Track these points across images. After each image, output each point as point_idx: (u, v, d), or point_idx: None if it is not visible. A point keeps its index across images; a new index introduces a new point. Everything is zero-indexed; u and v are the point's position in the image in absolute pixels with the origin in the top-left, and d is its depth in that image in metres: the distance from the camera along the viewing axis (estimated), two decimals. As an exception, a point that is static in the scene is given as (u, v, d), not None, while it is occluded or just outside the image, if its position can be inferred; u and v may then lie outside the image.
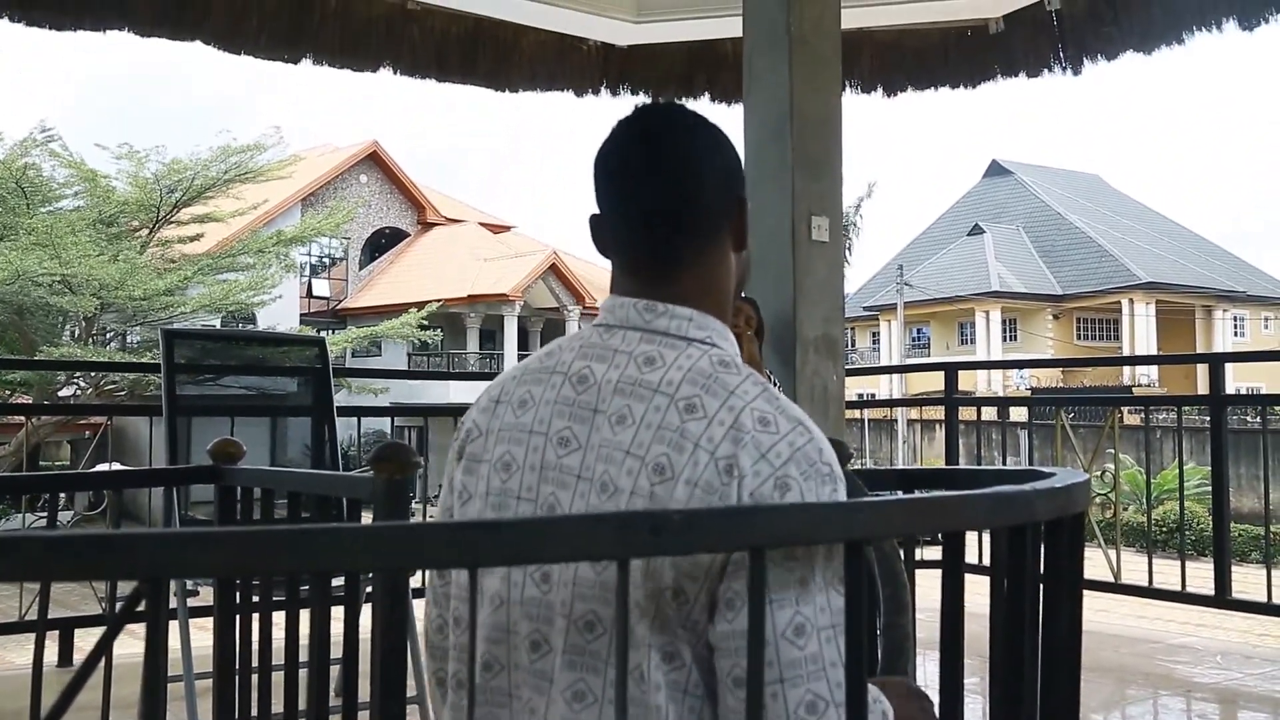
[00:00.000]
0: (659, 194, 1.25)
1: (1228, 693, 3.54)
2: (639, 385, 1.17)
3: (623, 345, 1.21)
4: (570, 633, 1.10)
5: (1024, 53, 5.25)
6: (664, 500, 1.08)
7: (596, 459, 1.15)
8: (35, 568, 0.71)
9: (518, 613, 1.15)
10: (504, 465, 1.21)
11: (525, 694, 1.13)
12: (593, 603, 1.10)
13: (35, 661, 1.76)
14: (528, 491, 1.19)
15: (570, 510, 1.13)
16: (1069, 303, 39.48)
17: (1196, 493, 13.65)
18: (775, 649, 1.03)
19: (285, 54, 4.83)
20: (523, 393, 1.24)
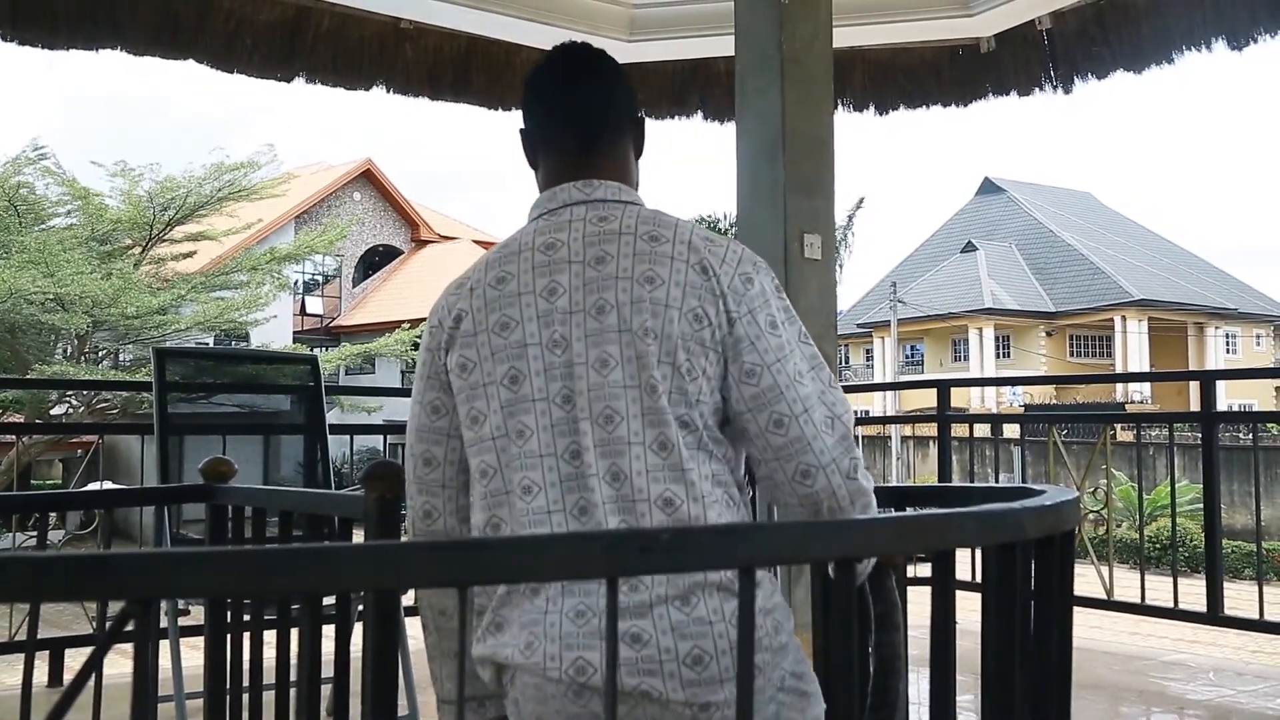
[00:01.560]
0: (585, 97, 1.62)
1: (1220, 710, 3.54)
2: (603, 235, 1.48)
3: (573, 217, 1.51)
4: (596, 428, 1.41)
5: (1015, 71, 5.28)
6: (661, 301, 1.42)
7: (586, 294, 1.44)
8: (24, 589, 0.71)
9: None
10: (501, 326, 1.47)
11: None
12: (611, 400, 1.41)
13: (24, 682, 1.75)
14: (531, 338, 1.45)
15: (574, 336, 1.43)
16: (1062, 320, 39.58)
17: (1189, 509, 13.67)
18: (794, 391, 1.42)
19: (278, 73, 4.84)
20: (495, 274, 1.51)
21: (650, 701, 1.33)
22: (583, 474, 1.41)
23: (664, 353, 1.41)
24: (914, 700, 1.71)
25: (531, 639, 1.37)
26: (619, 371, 1.42)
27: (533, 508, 1.41)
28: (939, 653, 1.16)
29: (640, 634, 1.33)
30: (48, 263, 16.72)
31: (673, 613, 1.34)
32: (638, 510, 1.39)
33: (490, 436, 1.46)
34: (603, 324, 1.43)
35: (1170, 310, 38.81)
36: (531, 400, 1.44)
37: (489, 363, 1.47)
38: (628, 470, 1.40)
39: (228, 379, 3.98)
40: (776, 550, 0.91)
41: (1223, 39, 4.59)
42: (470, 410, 1.48)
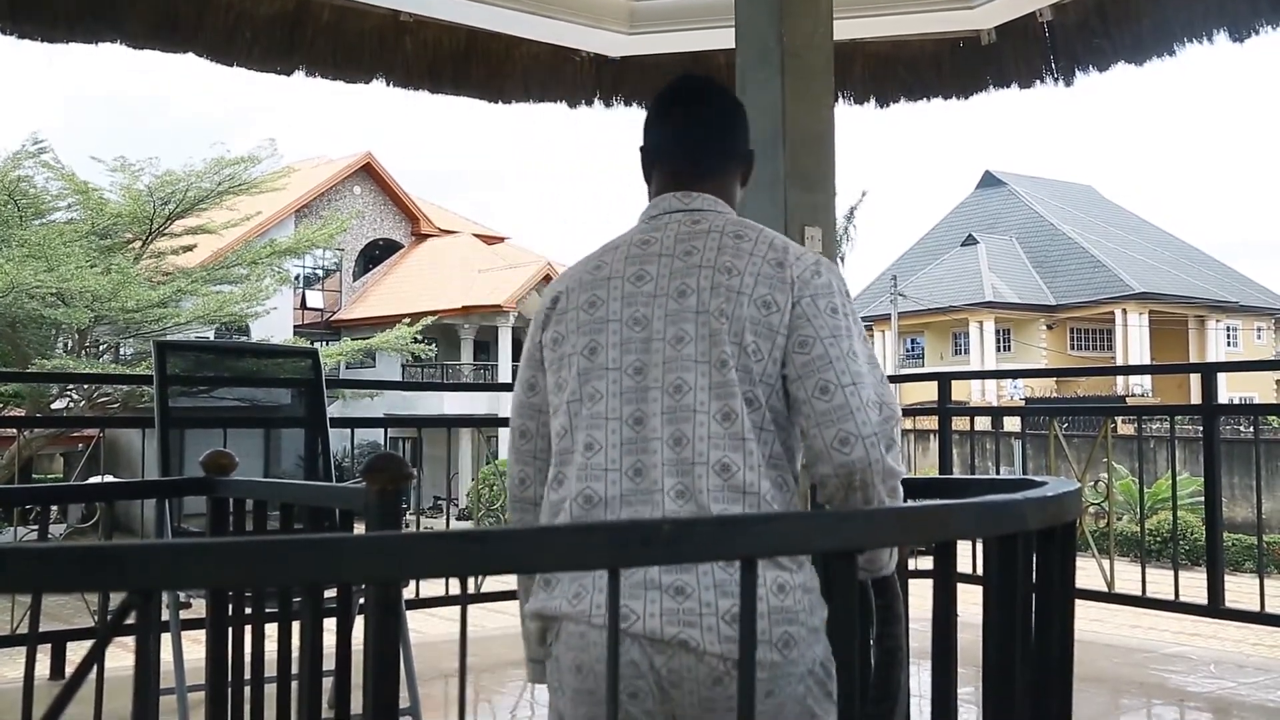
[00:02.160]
0: (701, 128, 1.77)
1: (1221, 702, 3.54)
2: (694, 234, 1.65)
3: (670, 220, 1.69)
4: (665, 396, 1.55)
5: (1016, 64, 5.27)
6: (735, 288, 1.58)
7: (670, 280, 1.61)
8: (25, 580, 0.71)
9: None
10: (589, 304, 1.65)
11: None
12: (681, 371, 1.55)
13: (26, 675, 1.75)
14: (613, 315, 1.62)
15: (655, 315, 1.59)
16: (1062, 313, 39.56)
17: (1190, 503, 13.67)
18: (844, 364, 1.54)
19: (278, 66, 4.83)
20: (594, 263, 1.69)
21: (687, 651, 1.42)
22: (645, 438, 1.54)
23: (733, 333, 1.56)
24: (915, 692, 1.71)
25: (579, 589, 1.50)
26: (692, 347, 1.56)
27: (591, 463, 1.55)
28: (940, 645, 1.16)
29: (684, 587, 1.44)
30: (48, 257, 16.73)
31: (717, 571, 1.44)
32: (695, 473, 1.50)
33: (566, 401, 1.62)
34: (682, 305, 1.59)
35: (1171, 303, 38.80)
36: (605, 369, 1.60)
37: (574, 335, 1.64)
38: (690, 436, 1.52)
39: (228, 372, 3.98)
40: (778, 542, 0.91)
41: (1224, 30, 4.58)
42: (556, 379, 1.65)
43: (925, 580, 1.42)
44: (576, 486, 1.55)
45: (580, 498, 1.55)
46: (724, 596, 1.42)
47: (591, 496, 1.54)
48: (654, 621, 1.44)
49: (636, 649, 1.44)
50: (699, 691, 1.44)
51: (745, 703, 0.90)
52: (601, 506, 1.53)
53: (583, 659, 1.50)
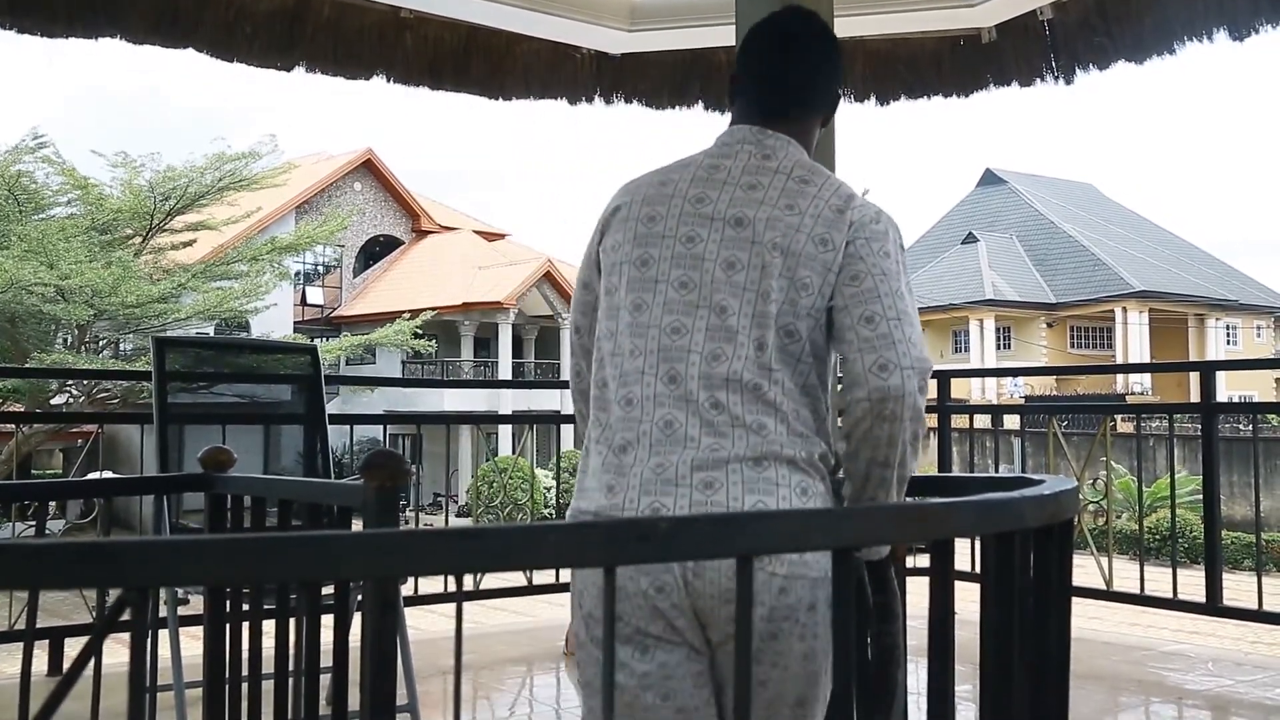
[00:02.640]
0: (800, 66, 1.81)
1: (1219, 700, 3.54)
2: (761, 169, 1.71)
3: (741, 150, 1.74)
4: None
5: (1016, 62, 5.26)
6: (794, 225, 1.64)
7: (729, 207, 1.67)
8: (21, 576, 0.71)
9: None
10: (649, 218, 1.71)
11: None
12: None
13: (24, 671, 1.75)
14: (669, 231, 1.68)
15: (707, 241, 1.66)
16: (1062, 311, 39.56)
17: (1189, 501, 13.67)
18: (891, 300, 1.61)
19: (278, 61, 4.82)
20: (660, 178, 1.75)
21: None
22: (683, 348, 1.62)
23: (785, 267, 1.63)
24: (913, 690, 1.71)
25: (614, 484, 1.60)
26: (743, 275, 1.64)
27: (630, 367, 1.65)
28: (938, 642, 1.16)
29: (713, 482, 1.55)
30: (48, 252, 16.72)
31: (746, 469, 1.55)
32: (729, 388, 1.59)
33: (616, 307, 1.70)
34: (738, 234, 1.66)
35: (1171, 301, 38.79)
36: (654, 280, 1.67)
37: (629, 245, 1.71)
38: (728, 355, 1.61)
39: (228, 368, 3.98)
40: (775, 540, 0.91)
41: (1224, 29, 4.58)
42: (609, 283, 1.74)
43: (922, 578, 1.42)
44: (618, 390, 1.65)
45: (621, 400, 1.64)
46: (750, 493, 1.53)
47: (631, 399, 1.63)
48: (687, 511, 1.53)
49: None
50: (720, 583, 1.52)
51: (741, 686, 0.90)
52: (638, 407, 1.62)
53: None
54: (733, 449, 1.56)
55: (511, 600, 4.59)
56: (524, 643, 4.39)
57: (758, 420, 1.58)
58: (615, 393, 1.65)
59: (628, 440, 1.61)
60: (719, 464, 1.55)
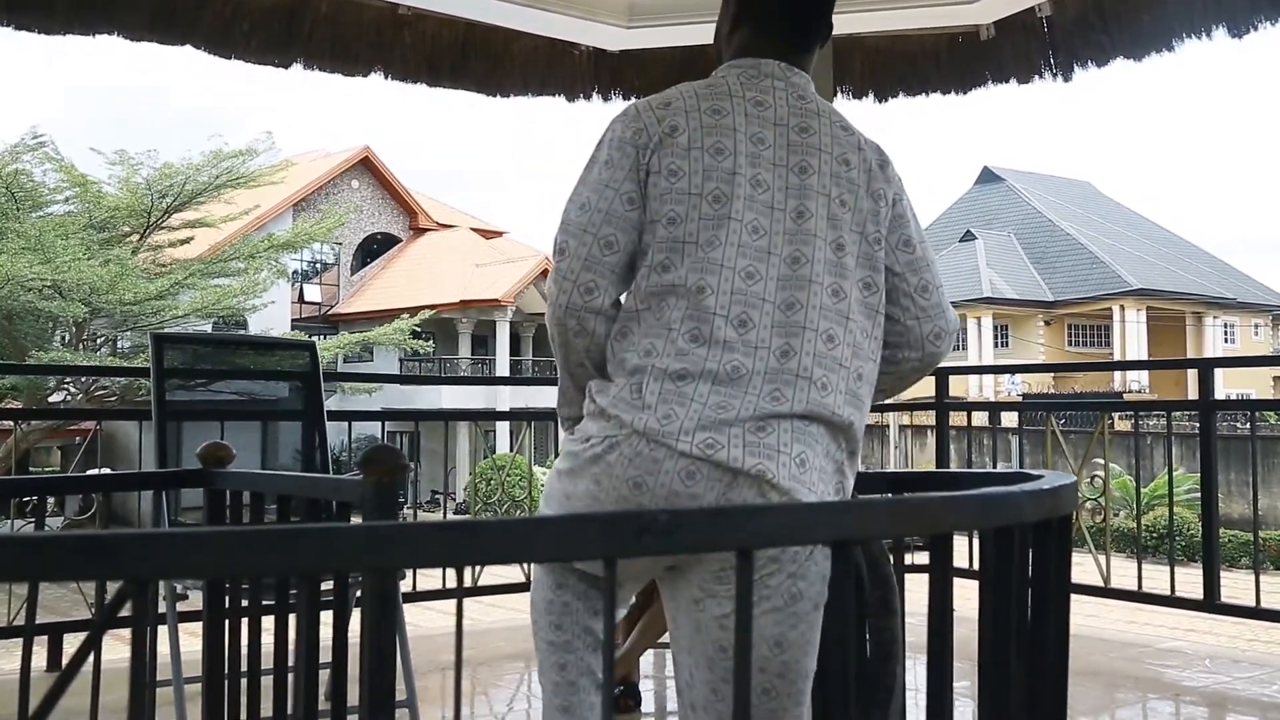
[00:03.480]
0: (820, 12, 1.89)
1: (1216, 696, 3.54)
2: (805, 111, 1.76)
3: (775, 88, 1.77)
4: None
5: (1015, 59, 5.26)
6: (855, 181, 1.73)
7: (790, 153, 1.71)
8: (20, 568, 0.71)
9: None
10: (716, 150, 1.69)
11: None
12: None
13: (23, 667, 1.75)
14: (740, 169, 1.68)
15: (775, 185, 1.69)
16: (1060, 309, 39.59)
17: (1186, 499, 13.69)
18: (933, 269, 1.82)
19: (276, 58, 4.82)
20: (709, 105, 1.74)
21: (758, 484, 1.57)
22: (757, 295, 1.64)
23: (854, 223, 1.72)
24: (911, 686, 1.71)
25: (670, 413, 1.60)
26: (812, 223, 1.69)
27: (702, 304, 1.63)
28: (936, 637, 1.16)
29: (765, 426, 1.59)
30: (45, 249, 16.70)
31: (796, 422, 1.61)
32: (805, 335, 1.64)
33: (682, 239, 1.67)
34: (804, 182, 1.70)
35: (1169, 300, 38.82)
36: (728, 219, 1.67)
37: (698, 176, 1.68)
38: (804, 304, 1.65)
39: (226, 365, 3.98)
40: (775, 533, 0.91)
41: (1223, 27, 4.58)
42: (669, 211, 1.68)
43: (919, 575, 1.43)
44: (686, 326, 1.63)
45: (687, 335, 1.63)
46: (796, 442, 1.60)
47: (699, 336, 1.63)
48: (737, 451, 1.57)
49: (701, 485, 1.57)
50: (708, 499, 1.58)
51: (741, 688, 0.90)
52: (706, 347, 1.62)
53: (648, 480, 1.59)
54: (784, 405, 1.62)
55: (509, 597, 4.59)
56: (522, 639, 4.39)
57: (824, 377, 1.64)
58: (683, 327, 1.63)
59: (686, 372, 1.61)
60: (773, 410, 1.61)
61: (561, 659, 1.79)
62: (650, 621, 3.23)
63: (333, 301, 32.07)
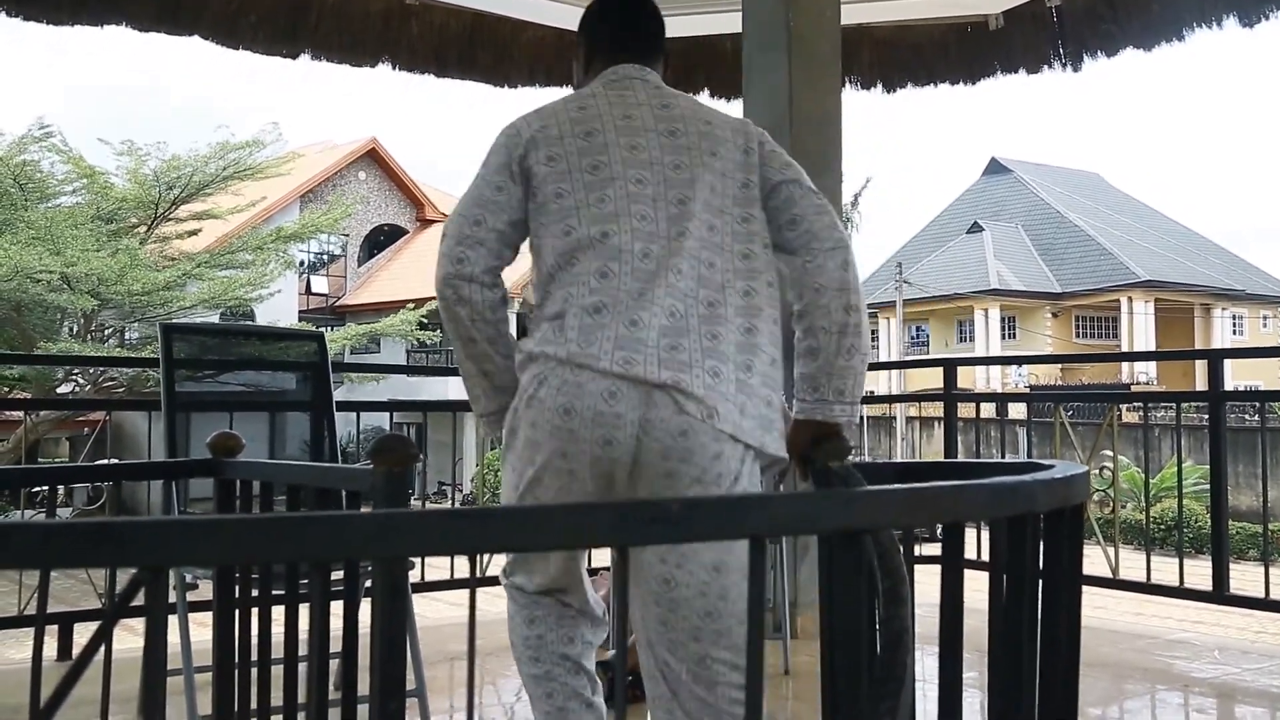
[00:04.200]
0: (649, 21, 2.19)
1: (1225, 687, 3.54)
2: (663, 95, 2.05)
3: (633, 83, 2.06)
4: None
5: (1024, 49, 5.25)
6: (718, 136, 1.99)
7: (656, 122, 1.98)
8: (34, 555, 0.71)
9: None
10: (586, 134, 1.95)
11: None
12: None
13: (35, 655, 1.75)
14: (612, 143, 1.94)
15: (651, 146, 1.94)
16: (1068, 301, 39.47)
17: (1195, 491, 13.66)
18: (809, 200, 2.00)
19: (283, 49, 4.82)
20: (575, 104, 2.01)
21: (674, 396, 1.77)
22: (651, 233, 1.87)
23: (724, 169, 1.96)
24: (919, 677, 1.71)
25: (590, 339, 1.80)
26: (689, 173, 1.93)
27: (608, 245, 1.86)
28: (948, 627, 1.16)
29: (678, 345, 1.79)
30: (54, 240, 16.72)
31: (704, 340, 1.81)
32: (702, 259, 1.87)
33: (575, 206, 1.91)
34: (675, 141, 1.96)
35: (1177, 291, 38.69)
36: (610, 179, 1.91)
37: (574, 156, 1.93)
38: (691, 233, 1.87)
39: (234, 356, 3.98)
40: (785, 522, 0.91)
41: (1234, 16, 4.56)
42: (554, 189, 1.93)
43: (928, 566, 1.43)
44: (595, 267, 1.86)
45: (597, 274, 1.85)
46: (707, 356, 1.80)
47: (607, 273, 1.85)
48: (653, 366, 1.77)
49: (623, 403, 1.77)
50: (665, 440, 1.77)
51: (753, 673, 0.90)
52: (616, 279, 1.84)
53: (575, 404, 1.79)
54: (688, 319, 1.85)
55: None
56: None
57: (747, 284, 1.91)
58: (591, 266, 1.86)
59: (600, 304, 1.83)
60: (683, 329, 1.83)
61: (547, 688, 1.95)
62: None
63: (340, 293, 32.08)
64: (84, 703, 1.36)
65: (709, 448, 1.77)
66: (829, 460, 1.65)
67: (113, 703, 1.91)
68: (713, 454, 1.76)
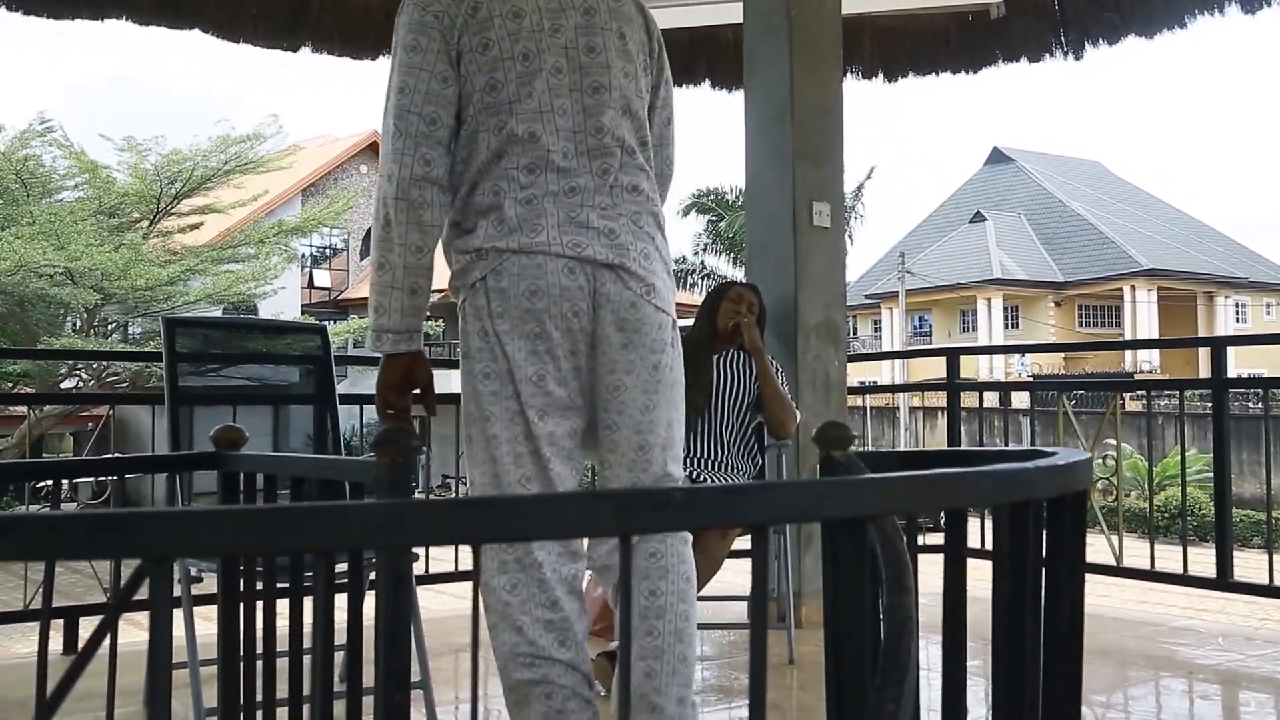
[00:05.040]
0: None
1: (1230, 674, 3.54)
2: None
3: None
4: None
5: (1025, 38, 5.24)
6: (626, 16, 2.14)
7: (578, 13, 2.06)
8: (40, 547, 0.71)
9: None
10: (514, 15, 2.00)
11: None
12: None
13: (40, 649, 1.76)
14: (537, 27, 2.01)
15: (567, 28, 2.05)
16: (1071, 290, 39.45)
17: (1197, 479, 13.65)
18: (672, 106, 2.28)
19: (284, 42, 4.82)
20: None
21: (623, 270, 2.00)
22: (570, 128, 2.01)
23: (631, 52, 2.11)
24: (922, 666, 1.71)
25: (535, 227, 1.96)
26: (603, 56, 2.06)
27: (536, 145, 1.99)
28: (951, 614, 1.16)
29: (613, 231, 2.01)
30: (58, 235, 16.73)
31: (631, 223, 2.04)
32: (616, 154, 2.06)
33: (507, 100, 1.99)
34: (589, 21, 2.06)
35: (1180, 280, 38.67)
36: (539, 70, 2.00)
37: (506, 41, 1.99)
38: (608, 127, 2.05)
39: (238, 349, 3.98)
40: (789, 509, 0.91)
41: (1236, 3, 4.55)
42: (490, 79, 1.99)
43: (930, 555, 1.43)
44: (523, 163, 1.99)
45: (525, 170, 1.99)
46: (638, 240, 2.04)
47: (535, 168, 1.99)
48: (598, 248, 1.98)
49: (583, 276, 1.97)
50: (619, 312, 2.00)
51: (757, 662, 0.90)
52: (544, 174, 1.99)
53: (539, 284, 1.95)
54: (621, 209, 2.06)
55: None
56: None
57: (635, 181, 2.08)
58: (523, 160, 1.99)
59: (534, 197, 1.98)
60: (614, 215, 2.04)
61: (546, 690, 1.93)
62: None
63: (342, 287, 32.11)
64: (89, 696, 1.37)
65: (653, 318, 2.02)
66: (832, 449, 1.65)
67: (117, 696, 1.91)
68: (657, 324, 2.03)
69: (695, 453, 3.57)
